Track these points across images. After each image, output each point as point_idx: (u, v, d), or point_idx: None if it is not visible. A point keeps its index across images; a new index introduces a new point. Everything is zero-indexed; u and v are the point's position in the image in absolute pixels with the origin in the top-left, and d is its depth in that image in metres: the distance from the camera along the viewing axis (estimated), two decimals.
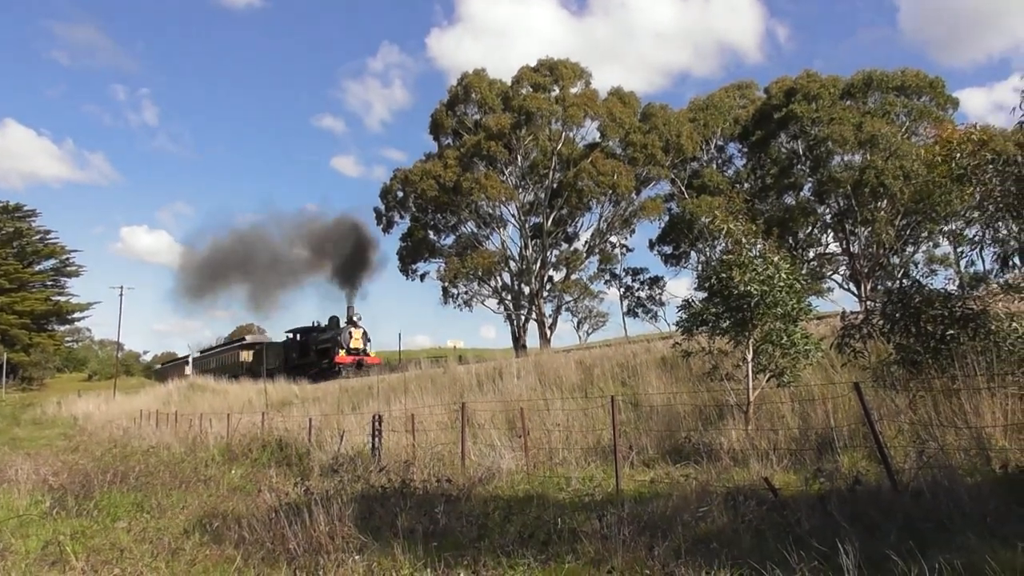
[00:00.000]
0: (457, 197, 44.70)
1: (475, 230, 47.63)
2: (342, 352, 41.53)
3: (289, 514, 7.87)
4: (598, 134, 46.28)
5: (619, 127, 44.64)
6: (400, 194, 48.61)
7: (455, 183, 44.34)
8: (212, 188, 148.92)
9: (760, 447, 9.99)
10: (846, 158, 40.60)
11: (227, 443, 17.69)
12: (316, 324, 47.96)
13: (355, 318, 43.59)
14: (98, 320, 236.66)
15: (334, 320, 45.17)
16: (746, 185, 44.92)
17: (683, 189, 46.23)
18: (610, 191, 44.28)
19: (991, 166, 9.17)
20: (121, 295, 71.23)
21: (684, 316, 12.22)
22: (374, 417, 13.91)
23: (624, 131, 44.68)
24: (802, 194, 42.96)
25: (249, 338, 58.87)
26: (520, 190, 46.70)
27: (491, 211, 46.45)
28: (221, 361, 58.30)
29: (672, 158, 45.32)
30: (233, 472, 13.82)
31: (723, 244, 11.82)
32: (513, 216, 47.20)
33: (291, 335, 48.78)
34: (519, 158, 45.72)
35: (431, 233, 49.43)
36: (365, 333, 43.14)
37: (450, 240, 49.12)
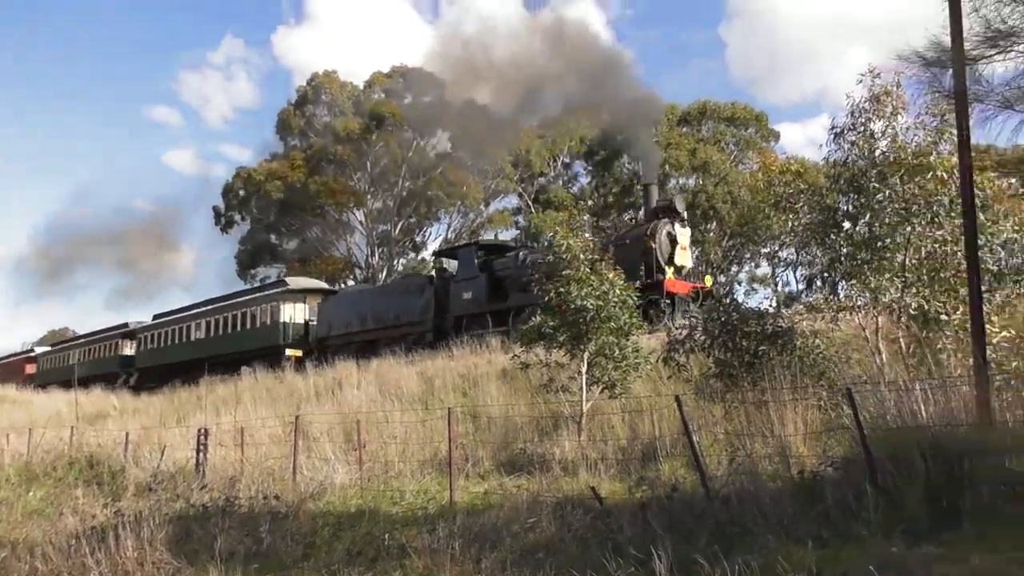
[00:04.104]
0: (303, 200, 43.36)
1: (320, 235, 46.41)
2: (669, 272, 18.44)
3: (93, 539, 7.26)
4: (449, 144, 46.49)
5: (471, 139, 45.03)
6: (242, 193, 46.54)
7: (302, 186, 43.01)
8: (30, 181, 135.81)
9: (591, 457, 10.34)
10: (681, 181, 43.10)
11: (26, 461, 16.08)
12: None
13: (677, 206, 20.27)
14: None
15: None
16: (590, 202, 46.62)
17: (530, 203, 47.30)
18: (460, 202, 44.56)
19: (803, 195, 10.03)
20: None
21: (523, 329, 12.51)
22: (200, 430, 13.17)
23: (476, 143, 45.12)
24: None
25: (133, 323, 40.71)
26: (369, 196, 46.03)
27: (338, 217, 45.43)
28: (87, 358, 42.11)
29: (521, 173, 46.27)
30: (32, 494, 12.58)
31: (564, 259, 12.18)
32: (361, 223, 46.42)
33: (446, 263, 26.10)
34: (369, 164, 45.05)
35: (273, 236, 47.65)
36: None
37: (294, 244, 47.56)
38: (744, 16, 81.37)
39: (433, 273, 26.64)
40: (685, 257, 19.34)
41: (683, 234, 19.35)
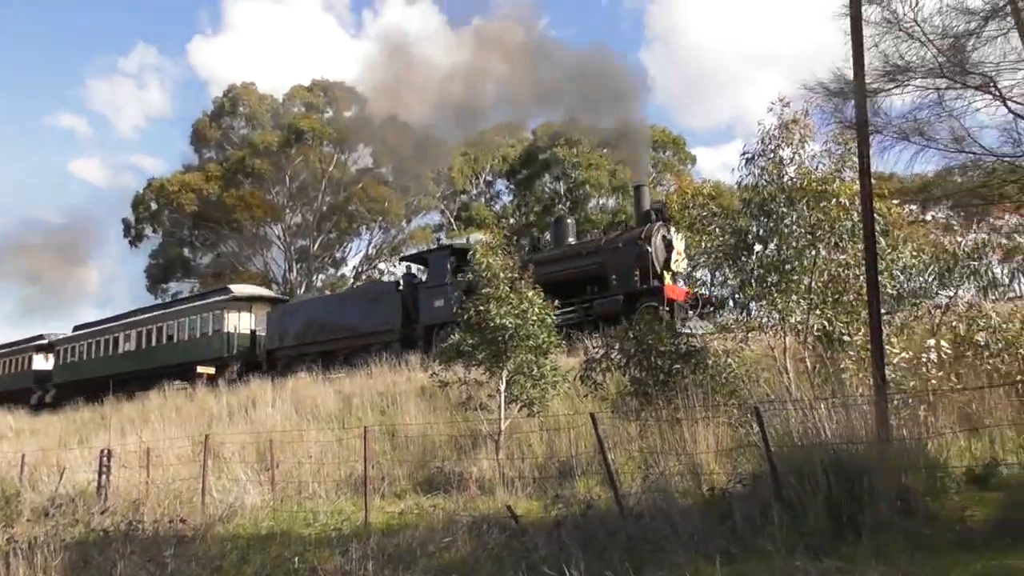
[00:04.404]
0: (219, 213, 42.15)
1: (236, 250, 45.17)
2: (667, 277, 17.64)
3: None
4: (371, 160, 46.10)
5: (393, 155, 44.77)
6: (154, 206, 44.90)
7: (217, 198, 41.81)
8: None
9: (508, 475, 10.33)
10: (601, 201, 43.90)
11: None
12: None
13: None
14: None
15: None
16: (511, 220, 46.91)
17: (452, 220, 47.29)
18: (381, 218, 44.18)
19: (716, 219, 10.34)
20: None
21: (442, 347, 12.45)
22: (103, 452, 12.55)
23: (398, 159, 44.89)
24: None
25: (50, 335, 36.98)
26: (288, 211, 45.12)
27: (255, 231, 44.33)
28: None
29: (443, 190, 46.25)
30: None
31: (484, 278, 12.21)
32: (279, 238, 45.43)
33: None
34: (287, 178, 44.19)
35: (187, 250, 46.11)
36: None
37: (208, 259, 46.12)
38: (661, 42, 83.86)
39: (400, 280, 24.58)
40: (680, 263, 17.94)
41: (678, 238, 17.60)
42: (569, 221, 23.03)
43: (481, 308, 11.79)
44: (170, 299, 40.84)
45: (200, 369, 26.56)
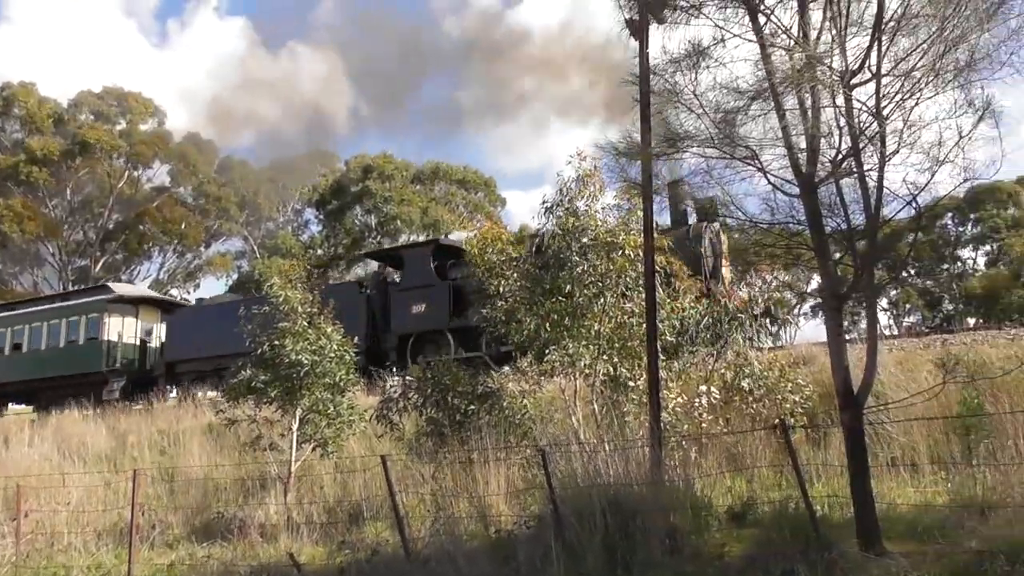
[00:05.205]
0: None
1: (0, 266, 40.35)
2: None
3: None
4: (169, 178, 43.24)
5: (193, 175, 42.28)
6: None
7: None
8: None
9: (295, 520, 9.86)
10: (412, 237, 43.94)
11: None
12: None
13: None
14: None
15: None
16: (319, 251, 45.75)
17: (255, 248, 45.31)
18: (177, 241, 41.41)
19: (514, 264, 10.63)
20: None
21: (232, 383, 11.77)
22: None
23: (198, 180, 42.44)
24: (370, 267, 45.16)
25: None
26: (67, 227, 41.06)
27: (25, 246, 39.86)
28: None
29: (248, 215, 44.28)
30: None
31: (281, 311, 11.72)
32: (53, 255, 41.14)
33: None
34: (69, 190, 40.29)
35: None
36: None
37: None
38: (474, 87, 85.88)
39: (365, 280, 21.33)
40: (727, 269, 15.62)
41: (724, 241, 15.48)
42: None
43: (276, 343, 11.30)
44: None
45: None
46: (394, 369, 16.78)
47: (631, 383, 9.49)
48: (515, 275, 10.26)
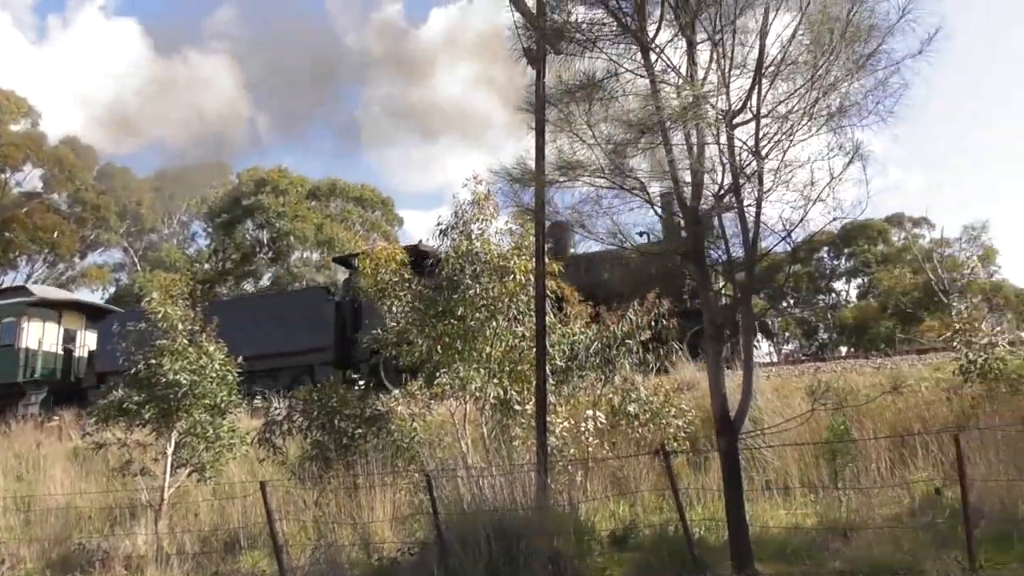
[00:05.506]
0: None
1: None
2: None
3: None
4: (42, 183, 40.61)
5: (69, 180, 39.89)
6: None
7: None
8: None
9: (167, 550, 9.33)
10: (305, 254, 42.93)
11: None
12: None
13: None
14: None
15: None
16: (207, 266, 44.01)
17: (136, 260, 43.14)
18: (48, 249, 38.87)
19: (407, 284, 10.52)
20: None
21: (102, 403, 11.07)
22: None
23: (75, 187, 40.08)
24: (260, 283, 43.81)
25: None
26: None
27: None
28: None
29: (129, 226, 42.14)
30: None
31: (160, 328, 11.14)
32: None
33: None
34: None
35: None
36: None
37: None
38: (375, 105, 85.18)
39: (334, 285, 19.33)
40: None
41: None
42: None
43: (153, 362, 10.72)
44: None
45: None
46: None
47: (520, 407, 9.53)
48: (408, 296, 10.15)
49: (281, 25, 67.80)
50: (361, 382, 12.37)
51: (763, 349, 17.16)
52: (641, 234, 7.76)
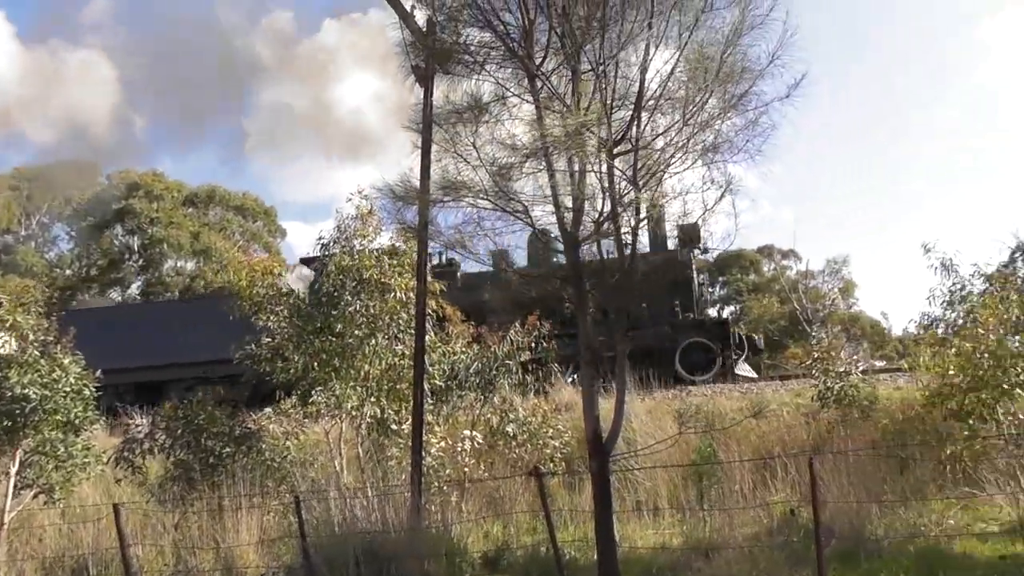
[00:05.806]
0: None
1: None
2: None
3: None
4: None
5: None
6: None
7: None
8: None
9: None
10: (179, 263, 40.99)
11: None
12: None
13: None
14: None
15: None
16: (68, 272, 41.30)
17: None
18: None
19: (284, 299, 10.21)
20: None
21: None
22: None
23: None
24: (128, 291, 41.47)
25: None
26: None
27: None
28: None
29: None
30: None
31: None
32: None
33: None
34: None
35: None
36: None
37: None
38: (263, 112, 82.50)
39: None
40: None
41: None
42: None
43: None
44: None
45: None
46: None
47: (397, 426, 9.39)
48: (285, 311, 9.85)
49: (164, 22, 64.88)
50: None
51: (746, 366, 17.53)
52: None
